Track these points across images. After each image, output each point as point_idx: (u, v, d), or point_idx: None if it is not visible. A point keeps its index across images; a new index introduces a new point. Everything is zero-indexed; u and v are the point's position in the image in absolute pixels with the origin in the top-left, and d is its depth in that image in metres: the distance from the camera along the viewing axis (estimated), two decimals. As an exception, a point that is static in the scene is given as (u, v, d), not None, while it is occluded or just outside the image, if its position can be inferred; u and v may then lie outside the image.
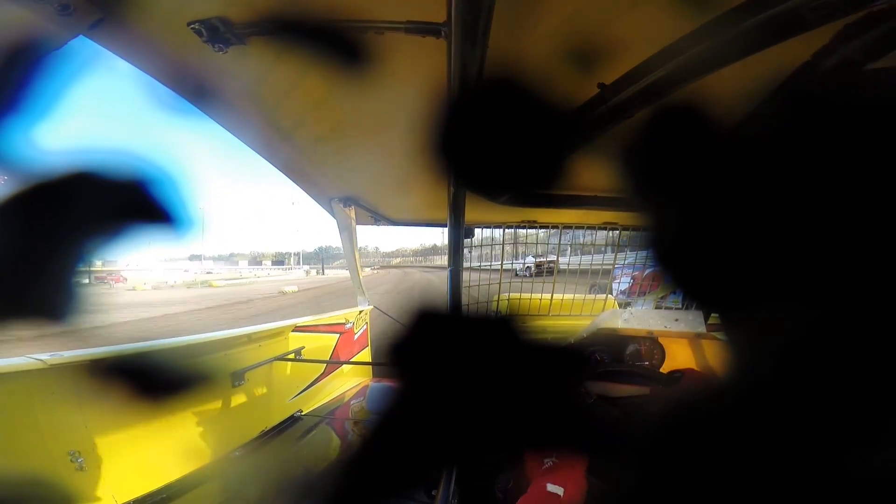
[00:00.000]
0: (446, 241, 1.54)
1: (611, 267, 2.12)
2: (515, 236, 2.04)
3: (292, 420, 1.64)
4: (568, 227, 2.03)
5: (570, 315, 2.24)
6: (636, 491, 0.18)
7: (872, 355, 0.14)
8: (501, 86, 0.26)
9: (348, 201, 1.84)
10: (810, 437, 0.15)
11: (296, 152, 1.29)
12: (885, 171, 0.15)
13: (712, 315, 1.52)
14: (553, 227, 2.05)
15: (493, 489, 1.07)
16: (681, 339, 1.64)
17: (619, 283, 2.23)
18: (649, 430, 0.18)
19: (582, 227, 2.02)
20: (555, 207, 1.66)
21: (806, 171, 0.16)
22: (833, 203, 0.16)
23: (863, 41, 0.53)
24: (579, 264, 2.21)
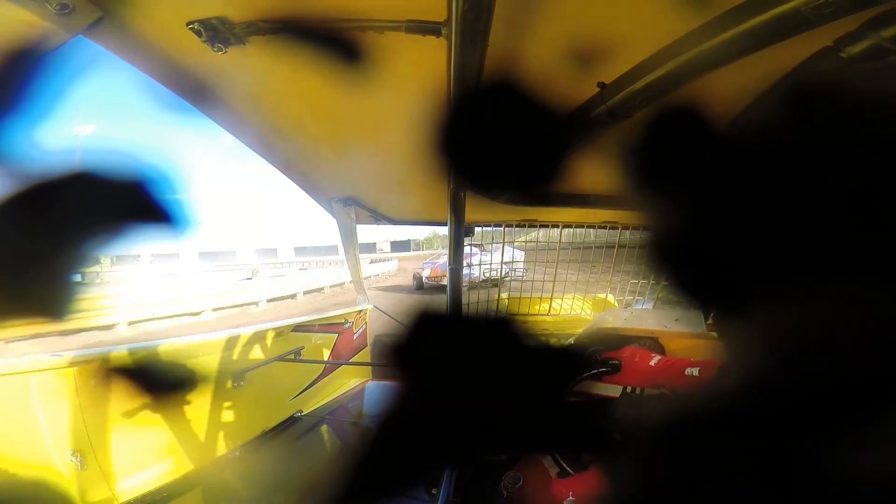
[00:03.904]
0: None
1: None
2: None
3: (292, 420, 1.64)
4: (568, 225, 2.03)
5: (570, 315, 2.24)
6: (636, 491, 0.18)
7: (875, 354, 0.14)
8: (501, 85, 0.26)
9: (348, 201, 1.84)
10: (811, 438, 0.15)
11: (295, 152, 1.28)
12: (887, 169, 0.15)
13: (712, 315, 1.52)
14: (553, 226, 2.05)
15: (497, 487, 1.07)
16: (681, 339, 1.64)
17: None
18: (649, 432, 0.18)
19: (582, 226, 2.02)
20: (555, 206, 1.67)
21: (807, 168, 0.16)
22: (835, 201, 0.16)
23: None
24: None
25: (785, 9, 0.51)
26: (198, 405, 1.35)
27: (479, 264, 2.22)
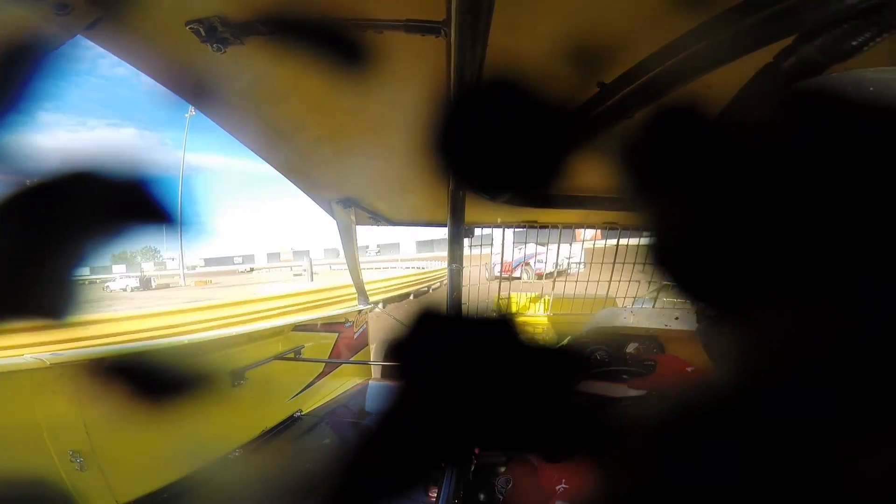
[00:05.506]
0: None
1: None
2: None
3: (292, 420, 1.65)
4: (568, 226, 2.03)
5: (570, 314, 2.25)
6: (635, 489, 0.18)
7: (872, 355, 0.14)
8: (501, 85, 0.26)
9: (348, 202, 1.84)
10: (809, 437, 0.15)
11: (295, 153, 1.28)
12: (880, 171, 0.15)
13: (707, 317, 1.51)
14: (553, 227, 2.05)
15: (493, 492, 1.07)
16: (681, 337, 1.64)
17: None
18: (648, 431, 0.18)
19: (581, 227, 2.03)
20: (555, 207, 1.66)
21: (805, 171, 0.16)
22: (830, 201, 0.16)
23: (822, 41, 0.51)
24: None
25: (784, 8, 0.51)
26: (197, 404, 1.34)
27: (545, 262, 2.75)
